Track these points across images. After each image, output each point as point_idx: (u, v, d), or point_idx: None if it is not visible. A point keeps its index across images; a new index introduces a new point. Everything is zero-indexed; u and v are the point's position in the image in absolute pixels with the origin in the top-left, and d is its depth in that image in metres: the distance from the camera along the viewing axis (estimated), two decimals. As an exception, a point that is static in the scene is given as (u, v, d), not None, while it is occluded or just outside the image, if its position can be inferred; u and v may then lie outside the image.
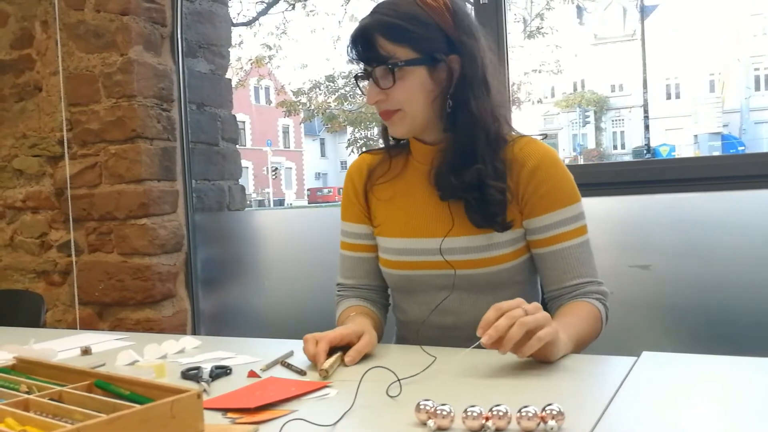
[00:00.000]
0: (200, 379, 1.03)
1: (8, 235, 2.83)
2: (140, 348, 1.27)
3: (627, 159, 28.09)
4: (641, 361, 1.04)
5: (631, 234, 2.13)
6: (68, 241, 2.70)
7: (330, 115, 16.64)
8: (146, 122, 2.57)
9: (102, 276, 2.65)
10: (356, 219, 1.41)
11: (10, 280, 2.83)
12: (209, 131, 2.87)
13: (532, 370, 1.05)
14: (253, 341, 1.37)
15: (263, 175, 30.13)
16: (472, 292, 1.25)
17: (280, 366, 1.13)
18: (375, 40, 1.22)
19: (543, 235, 1.25)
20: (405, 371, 0.98)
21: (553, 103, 29.51)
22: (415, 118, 1.26)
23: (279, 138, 33.09)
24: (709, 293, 2.04)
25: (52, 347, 1.24)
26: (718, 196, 2.04)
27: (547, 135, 1.38)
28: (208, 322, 2.76)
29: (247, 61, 14.79)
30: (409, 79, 1.23)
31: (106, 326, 2.66)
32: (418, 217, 1.30)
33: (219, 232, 2.82)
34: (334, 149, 34.25)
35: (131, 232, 2.59)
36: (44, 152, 2.73)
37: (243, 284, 2.78)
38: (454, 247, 1.25)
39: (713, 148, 24.77)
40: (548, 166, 1.26)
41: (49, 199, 2.74)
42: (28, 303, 2.02)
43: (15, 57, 2.76)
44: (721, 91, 27.98)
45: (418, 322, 1.30)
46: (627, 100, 30.05)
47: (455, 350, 1.15)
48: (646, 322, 2.12)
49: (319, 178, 35.02)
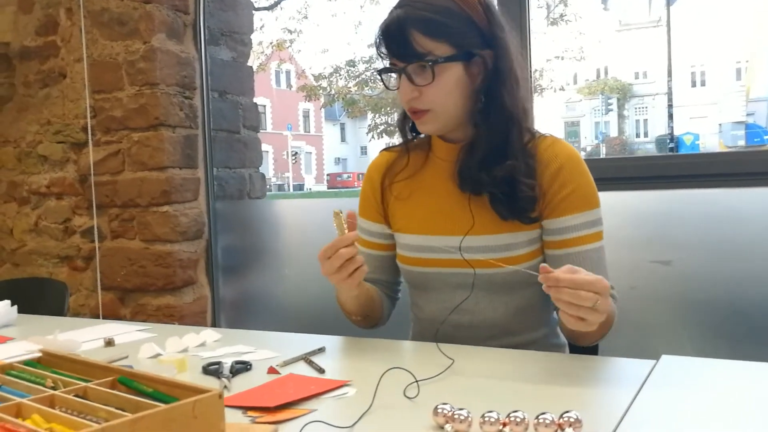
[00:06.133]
0: (221, 374, 1.04)
1: (33, 220, 2.87)
2: (162, 340, 1.28)
3: (650, 147, 27.81)
4: (660, 366, 1.03)
5: (654, 229, 2.11)
6: (91, 227, 2.73)
7: (350, 100, 16.64)
8: (169, 110, 2.59)
9: (124, 262, 2.68)
10: (372, 217, 1.41)
11: (35, 264, 2.87)
12: (231, 119, 2.88)
13: (550, 373, 1.05)
14: (274, 335, 1.38)
15: (283, 160, 30.21)
16: (489, 291, 1.25)
17: (300, 362, 1.13)
18: (410, 34, 1.19)
19: (562, 236, 1.24)
20: (423, 372, 0.98)
21: (576, 89, 29.22)
22: (447, 116, 1.24)
23: (299, 122, 33.12)
24: (731, 290, 2.02)
25: (76, 339, 1.26)
26: (741, 193, 2.01)
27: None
28: (228, 309, 2.78)
29: (269, 45, 14.81)
30: (445, 75, 1.20)
31: (127, 312, 2.70)
32: (437, 215, 1.30)
33: (239, 219, 2.84)
34: (355, 134, 34.19)
35: (153, 219, 2.61)
36: (68, 139, 2.76)
37: (263, 272, 2.79)
38: (472, 246, 1.24)
39: (737, 138, 24.37)
40: (572, 168, 1.24)
41: (72, 185, 2.77)
42: (52, 291, 2.05)
43: (40, 44, 2.78)
44: (747, 79, 27.50)
45: (435, 319, 1.30)
46: (651, 87, 29.67)
47: (473, 350, 1.15)
48: (667, 318, 2.10)
49: (338, 163, 35.02)
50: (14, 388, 0.82)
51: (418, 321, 1.38)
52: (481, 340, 1.26)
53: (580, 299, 0.94)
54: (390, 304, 1.44)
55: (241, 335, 1.38)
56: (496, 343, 1.26)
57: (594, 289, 0.95)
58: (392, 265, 1.40)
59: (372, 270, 1.40)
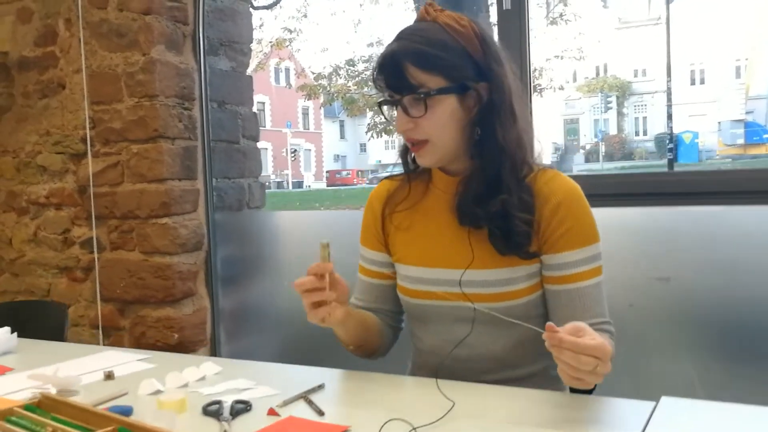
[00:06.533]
0: (221, 417, 1.04)
1: (32, 231, 2.87)
2: (162, 372, 1.28)
3: (649, 145, 27.81)
4: (660, 409, 1.03)
5: (654, 246, 2.11)
6: (91, 238, 2.73)
7: (350, 99, 16.62)
8: (168, 122, 2.58)
9: (123, 274, 2.68)
10: (373, 246, 1.41)
11: (34, 274, 2.87)
12: (230, 129, 2.88)
13: (550, 416, 1.05)
14: (273, 368, 1.37)
15: (282, 157, 30.20)
16: (489, 325, 1.24)
17: (299, 401, 1.13)
18: (405, 67, 1.20)
19: (561, 272, 1.24)
20: (423, 415, 0.98)
21: (575, 87, 29.21)
22: (444, 148, 1.24)
23: (299, 119, 33.11)
24: (730, 308, 2.02)
25: (76, 373, 1.26)
26: (742, 210, 2.01)
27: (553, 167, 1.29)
28: (227, 320, 2.78)
29: (268, 43, 14.79)
30: (440, 107, 1.21)
31: (127, 323, 2.69)
32: (437, 247, 1.29)
33: (239, 230, 2.83)
34: (354, 131, 34.18)
35: (152, 231, 2.61)
36: (67, 149, 2.75)
37: (262, 284, 2.79)
38: (473, 280, 1.24)
39: (736, 136, 24.37)
40: (571, 203, 1.24)
41: (72, 196, 2.77)
42: (51, 314, 2.05)
43: (39, 54, 2.77)
44: (746, 77, 27.48)
45: (434, 352, 1.30)
46: (650, 85, 29.67)
47: (473, 389, 1.15)
48: (665, 335, 2.10)
49: (338, 160, 35.01)
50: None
51: (418, 352, 1.37)
52: (481, 373, 1.26)
53: (580, 363, 0.95)
54: (392, 333, 1.44)
55: (241, 367, 1.38)
56: (496, 377, 1.26)
57: (595, 354, 0.96)
58: (394, 294, 1.39)
59: (374, 299, 1.40)
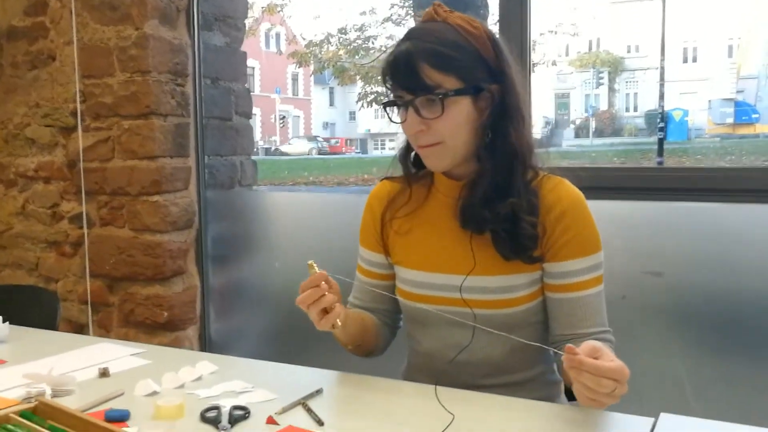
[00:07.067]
0: (219, 425, 1.03)
1: (20, 204, 2.83)
2: (157, 371, 1.27)
3: (639, 122, 27.80)
4: (659, 426, 1.03)
5: (647, 240, 2.11)
6: (80, 213, 2.70)
7: (341, 68, 16.42)
8: (160, 98, 2.54)
9: (113, 250, 2.66)
10: (371, 247, 1.39)
11: (22, 248, 2.84)
12: (223, 106, 2.84)
13: (551, 426, 1.05)
14: (271, 367, 1.35)
15: (271, 123, 29.94)
16: (487, 331, 1.24)
17: (298, 408, 1.12)
18: (420, 67, 1.17)
19: (562, 281, 1.23)
20: (423, 428, 0.98)
21: (568, 62, 29.03)
22: (456, 151, 1.23)
23: (288, 85, 32.72)
24: (720, 304, 2.04)
25: (71, 373, 1.25)
26: (737, 208, 2.02)
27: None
28: (217, 299, 2.77)
29: (260, 8, 14.55)
30: (454, 109, 1.18)
31: (116, 299, 2.68)
32: (438, 252, 1.28)
33: (230, 209, 2.81)
34: (344, 99, 33.82)
35: (143, 209, 2.58)
36: (57, 123, 2.71)
37: (253, 263, 2.78)
38: (473, 287, 1.23)
39: (726, 115, 24.39)
40: (575, 212, 1.23)
41: (61, 170, 2.73)
42: (44, 302, 2.02)
43: (28, 24, 2.71)
44: (738, 56, 27.44)
45: (432, 355, 1.30)
46: (643, 61, 29.53)
47: (472, 398, 1.15)
48: (655, 328, 2.12)
49: (326, 128, 34.69)
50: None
51: (414, 353, 1.37)
52: (479, 377, 1.26)
53: (600, 386, 0.95)
54: (389, 333, 1.44)
55: (237, 366, 1.37)
56: (494, 381, 1.27)
57: (615, 377, 0.95)
58: (389, 294, 1.38)
59: (372, 299, 1.40)
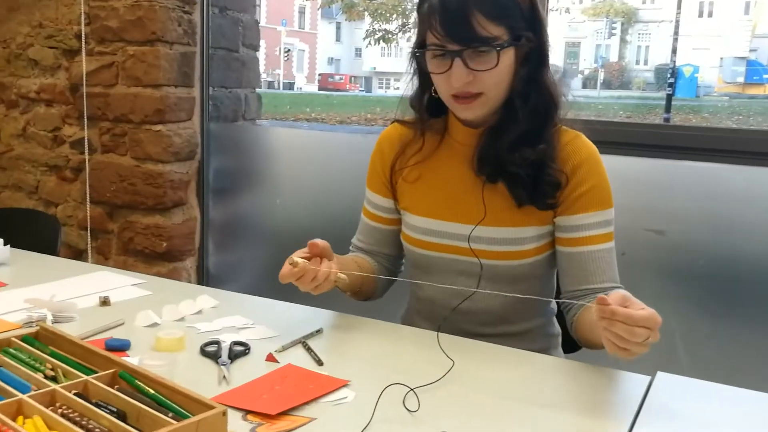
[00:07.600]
0: (219, 359, 1.04)
1: (21, 125, 2.80)
2: (157, 302, 1.28)
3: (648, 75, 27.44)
4: (656, 384, 1.04)
5: (650, 197, 2.10)
6: (82, 138, 2.67)
7: (350, 3, 16.09)
8: (167, 25, 2.48)
9: (114, 177, 2.64)
10: (378, 190, 1.38)
11: (22, 170, 2.83)
12: (230, 36, 2.78)
13: (549, 378, 1.07)
14: (270, 304, 1.36)
15: (275, 56, 29.48)
16: (492, 281, 1.24)
17: (298, 347, 1.13)
18: (473, 17, 1.11)
19: (575, 234, 1.23)
20: (423, 373, 0.99)
21: (581, 10, 28.43)
22: (494, 102, 1.20)
23: (294, 18, 32.10)
24: (719, 265, 2.05)
25: (72, 300, 1.25)
26: (742, 170, 2.00)
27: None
28: (216, 232, 2.77)
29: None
30: (503, 61, 1.15)
31: (116, 227, 2.68)
32: (448, 200, 1.27)
33: (233, 142, 2.79)
34: (350, 34, 33.24)
35: (145, 138, 2.56)
36: (60, 45, 2.65)
37: (254, 197, 2.77)
38: (481, 236, 1.22)
39: (737, 74, 24.11)
40: (591, 166, 1.22)
41: (63, 93, 2.69)
42: (45, 226, 2.01)
43: (32, -61, 2.63)
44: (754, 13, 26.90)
45: (434, 301, 1.31)
46: (657, 14, 28.95)
47: (472, 346, 1.15)
48: (654, 286, 2.13)
49: (331, 64, 34.18)
50: (13, 372, 0.81)
51: (416, 298, 1.37)
52: (478, 325, 1.27)
53: (633, 335, 0.92)
54: (386, 274, 1.43)
55: (238, 302, 1.37)
56: (493, 330, 1.27)
57: (647, 324, 0.93)
58: (396, 239, 1.38)
59: (374, 242, 1.39)
